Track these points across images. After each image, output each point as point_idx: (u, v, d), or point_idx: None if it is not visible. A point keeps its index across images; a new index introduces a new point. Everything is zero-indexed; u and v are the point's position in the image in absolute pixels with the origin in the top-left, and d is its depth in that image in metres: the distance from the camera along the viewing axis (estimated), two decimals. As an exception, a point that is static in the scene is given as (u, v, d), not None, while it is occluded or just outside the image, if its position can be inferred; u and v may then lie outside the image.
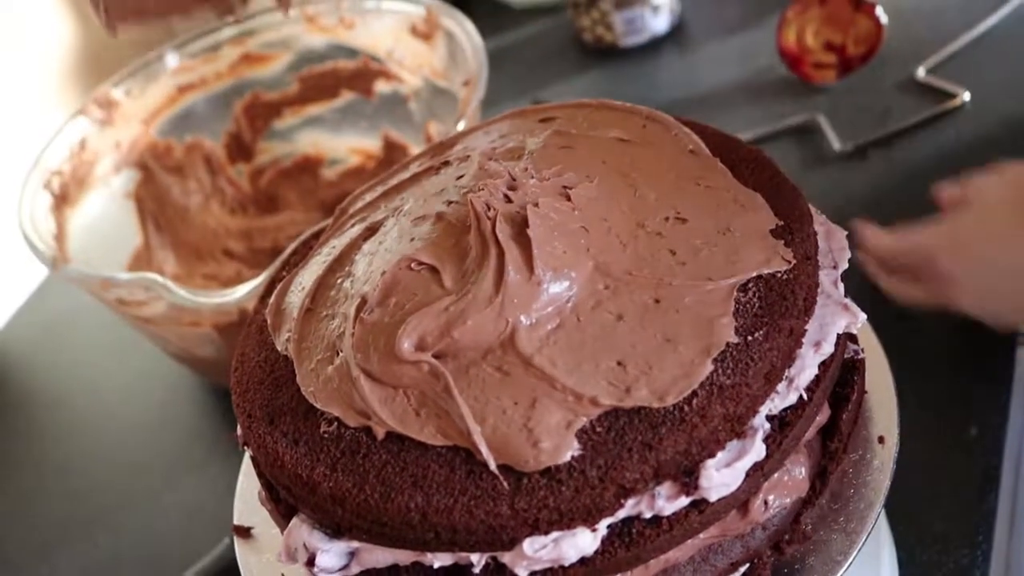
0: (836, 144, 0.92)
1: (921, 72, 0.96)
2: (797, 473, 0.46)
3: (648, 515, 0.41)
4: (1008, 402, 0.71)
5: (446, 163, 0.56)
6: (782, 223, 0.47)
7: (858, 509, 0.48)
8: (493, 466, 0.41)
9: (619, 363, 0.42)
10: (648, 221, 0.47)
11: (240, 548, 0.53)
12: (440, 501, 0.41)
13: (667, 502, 0.41)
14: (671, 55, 1.09)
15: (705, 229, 0.47)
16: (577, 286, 0.44)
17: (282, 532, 0.47)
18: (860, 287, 0.52)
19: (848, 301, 0.47)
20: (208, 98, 0.99)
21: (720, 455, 0.41)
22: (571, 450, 0.40)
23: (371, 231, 0.53)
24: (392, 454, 0.43)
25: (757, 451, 0.42)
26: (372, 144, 1.00)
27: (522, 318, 0.43)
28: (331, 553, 0.44)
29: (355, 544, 0.44)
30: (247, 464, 0.57)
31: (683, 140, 0.53)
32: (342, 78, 0.97)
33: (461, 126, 0.78)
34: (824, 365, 0.45)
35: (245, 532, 0.54)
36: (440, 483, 0.41)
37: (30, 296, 1.08)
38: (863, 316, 0.47)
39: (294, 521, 0.45)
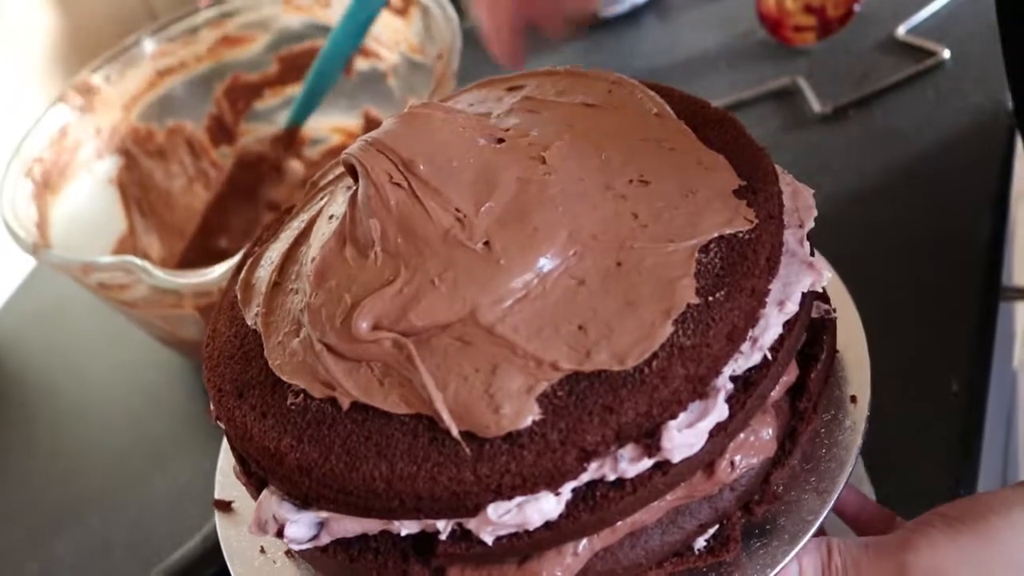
0: (816, 106, 0.92)
1: (901, 31, 0.96)
2: (764, 434, 0.46)
3: (611, 478, 0.41)
4: (990, 357, 0.71)
5: None
6: (745, 183, 0.46)
7: (829, 469, 0.47)
8: (455, 432, 0.41)
9: (580, 327, 0.42)
10: (614, 183, 0.47)
11: (220, 522, 0.54)
12: (404, 468, 0.41)
13: (630, 464, 0.41)
14: (651, 23, 1.09)
15: (667, 191, 0.46)
16: (547, 262, 0.44)
17: None
18: (831, 244, 0.51)
19: (813, 260, 0.47)
20: (188, 81, 0.99)
21: (682, 416, 0.41)
22: (532, 415, 0.40)
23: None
24: (357, 424, 0.43)
25: (719, 411, 0.42)
26: (353, 122, 1.00)
27: (482, 299, 0.43)
28: (300, 524, 0.44)
29: (323, 514, 0.44)
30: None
31: (647, 103, 0.52)
32: (320, 57, 0.97)
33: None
34: (789, 324, 0.45)
35: (226, 506, 0.54)
36: (404, 451, 0.41)
37: (19, 285, 1.09)
38: (828, 275, 0.47)
39: (264, 493, 0.45)
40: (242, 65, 1.00)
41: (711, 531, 0.46)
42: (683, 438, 0.41)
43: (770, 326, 0.44)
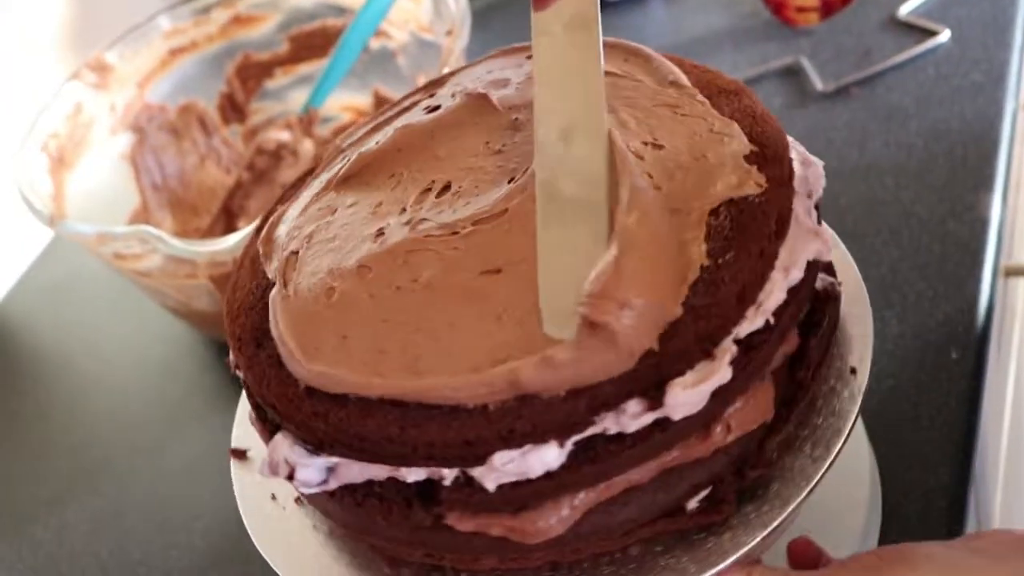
0: (819, 84, 0.93)
1: (902, 11, 0.97)
2: (761, 400, 0.47)
3: (613, 431, 0.42)
4: (989, 326, 0.72)
5: (432, 96, 0.58)
6: (757, 149, 0.47)
7: (824, 437, 0.48)
8: None
9: None
10: (629, 145, 0.48)
11: (235, 470, 0.56)
12: (417, 416, 0.43)
13: (632, 419, 0.42)
14: (656, 5, 1.10)
15: (679, 155, 0.48)
16: None
17: None
18: (833, 219, 0.52)
19: (820, 228, 0.47)
20: (200, 60, 1.00)
21: (689, 375, 0.42)
22: None
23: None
24: None
25: (723, 374, 0.43)
26: (363, 100, 1.01)
27: None
28: (311, 468, 0.46)
29: (334, 460, 0.45)
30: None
31: (663, 72, 0.53)
32: (331, 36, 0.98)
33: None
34: (793, 291, 0.46)
35: (241, 454, 0.56)
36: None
37: (33, 261, 1.10)
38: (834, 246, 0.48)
39: (277, 437, 0.47)
40: (253, 44, 1.01)
41: (704, 492, 0.47)
42: (686, 396, 0.42)
43: (774, 291, 0.45)
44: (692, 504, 0.47)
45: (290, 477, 0.46)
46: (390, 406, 0.43)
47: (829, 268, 0.52)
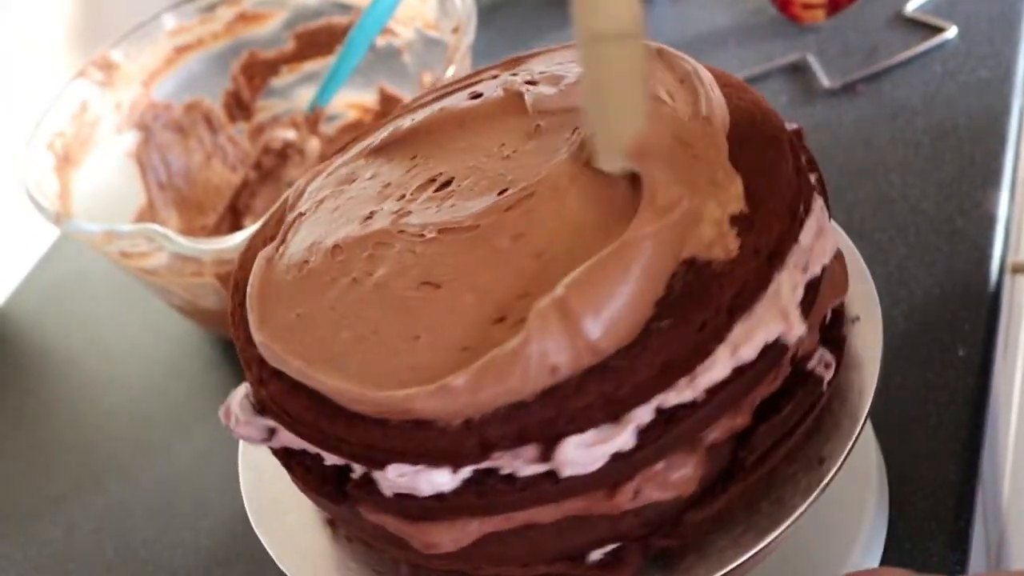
0: (825, 81, 0.93)
1: (909, 8, 0.97)
2: (682, 472, 0.43)
3: (505, 471, 0.41)
4: (996, 323, 0.72)
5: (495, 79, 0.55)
6: (747, 211, 0.42)
7: (759, 525, 0.44)
8: None
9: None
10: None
11: (242, 456, 0.58)
12: (329, 408, 0.43)
13: (524, 463, 0.41)
14: (662, 2, 1.10)
15: None
16: None
17: None
18: (840, 218, 0.49)
19: (792, 311, 0.42)
20: (206, 58, 1.00)
21: (589, 434, 0.40)
22: None
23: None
24: None
25: (623, 440, 0.40)
26: (368, 98, 1.01)
27: None
28: (251, 426, 0.47)
29: (272, 423, 0.47)
30: None
31: (702, 104, 0.47)
32: (336, 34, 0.98)
33: (450, 72, 0.80)
34: (740, 370, 0.41)
35: None
36: None
37: (39, 260, 1.10)
38: (801, 331, 0.42)
39: (239, 388, 0.48)
40: (259, 42, 1.01)
41: (610, 547, 0.45)
42: (577, 455, 0.40)
43: (715, 367, 0.41)
44: (595, 555, 0.45)
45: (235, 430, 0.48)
46: (312, 391, 0.43)
47: (837, 342, 0.48)
